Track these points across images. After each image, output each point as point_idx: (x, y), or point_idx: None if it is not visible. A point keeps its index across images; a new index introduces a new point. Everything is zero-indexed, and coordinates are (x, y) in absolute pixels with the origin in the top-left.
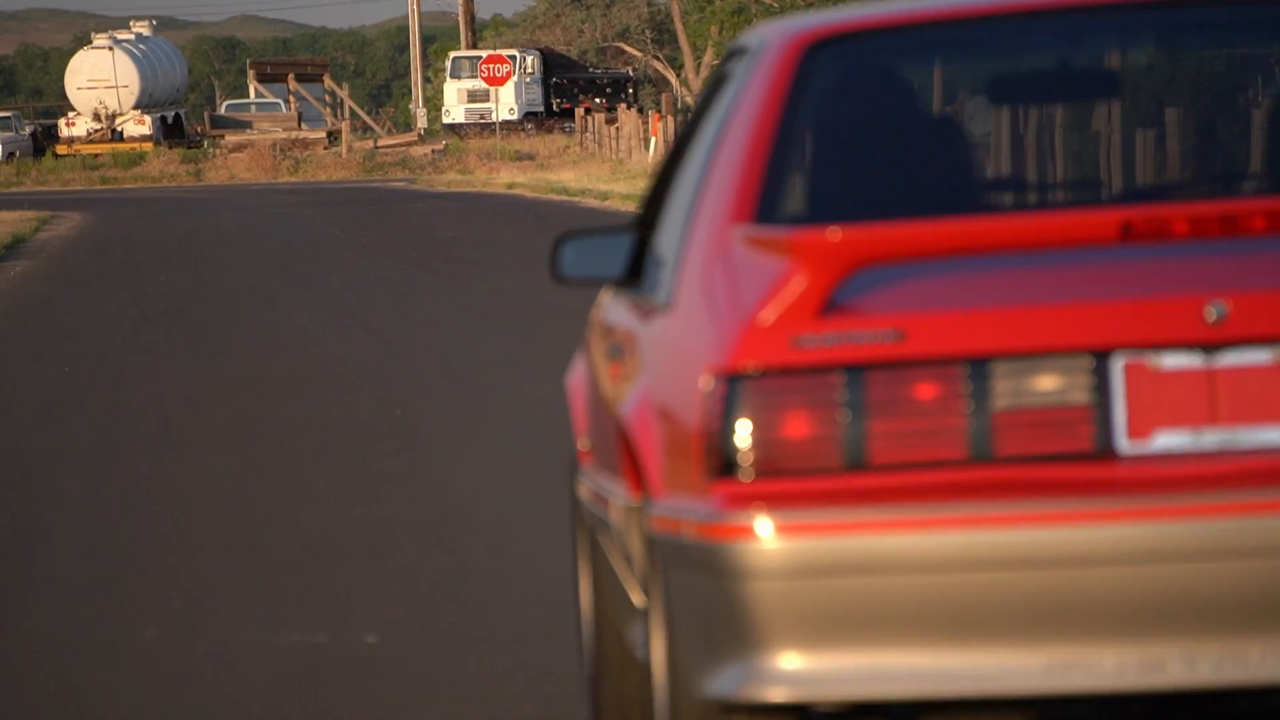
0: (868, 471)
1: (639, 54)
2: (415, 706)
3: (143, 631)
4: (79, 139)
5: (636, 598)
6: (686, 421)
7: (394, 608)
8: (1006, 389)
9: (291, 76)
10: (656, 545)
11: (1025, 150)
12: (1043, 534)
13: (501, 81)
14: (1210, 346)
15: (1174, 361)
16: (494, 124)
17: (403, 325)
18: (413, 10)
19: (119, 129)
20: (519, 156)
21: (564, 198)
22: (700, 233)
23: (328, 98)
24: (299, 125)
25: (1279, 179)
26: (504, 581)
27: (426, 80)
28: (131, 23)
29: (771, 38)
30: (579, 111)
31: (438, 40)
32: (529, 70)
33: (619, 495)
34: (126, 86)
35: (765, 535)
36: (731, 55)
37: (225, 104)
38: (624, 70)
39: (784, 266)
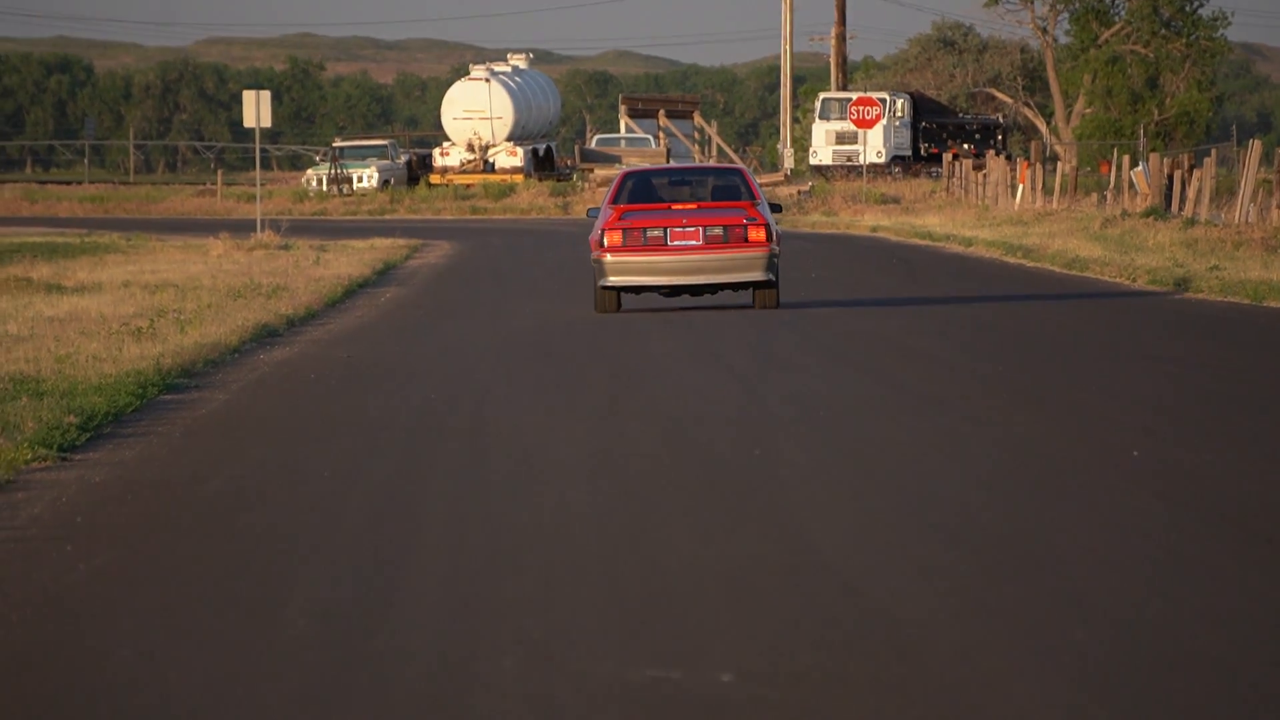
0: (626, 247)
1: (1009, 100)
2: None
3: (501, 660)
4: (452, 169)
5: (595, 269)
6: (597, 239)
7: (748, 647)
8: (650, 234)
9: (662, 113)
10: (593, 261)
11: (671, 192)
12: (655, 257)
13: (870, 124)
14: (686, 226)
15: (679, 232)
16: (860, 166)
17: (762, 365)
18: (784, 50)
19: (491, 160)
20: (884, 200)
21: (928, 242)
22: (604, 206)
23: (696, 135)
24: (667, 160)
25: (706, 201)
26: (857, 625)
27: (795, 120)
28: (509, 55)
29: (620, 171)
30: (946, 157)
31: (808, 81)
32: (898, 114)
33: (592, 255)
34: (501, 118)
35: (609, 257)
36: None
37: (595, 138)
38: (994, 116)
39: (615, 211)
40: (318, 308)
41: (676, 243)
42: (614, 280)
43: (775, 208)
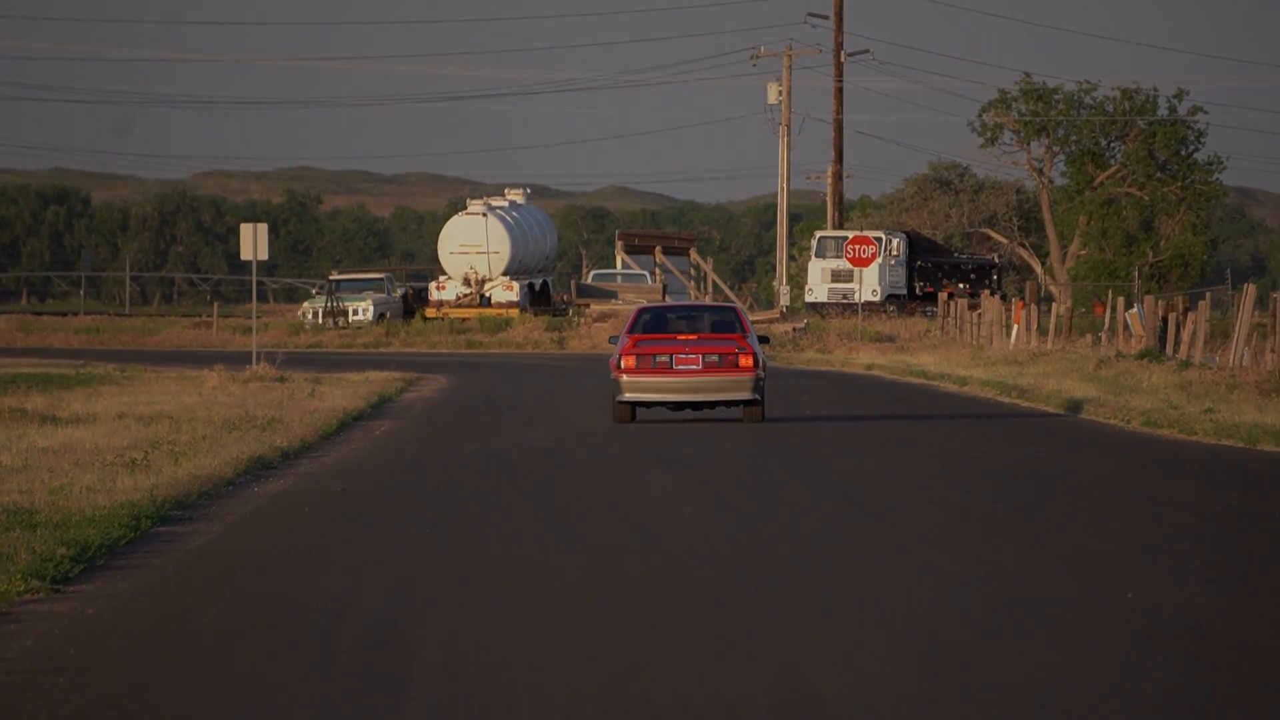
0: (639, 369)
1: (1005, 240)
2: None
3: None
4: (448, 303)
5: (614, 387)
6: (615, 362)
7: None
8: (659, 359)
9: (658, 249)
10: (612, 380)
11: (676, 325)
12: (662, 378)
13: (866, 263)
14: (688, 353)
15: (683, 358)
16: (856, 304)
17: (758, 500)
18: (781, 188)
19: (487, 294)
20: (879, 338)
21: (922, 381)
22: (623, 335)
23: (693, 271)
24: (663, 297)
25: (705, 333)
26: None
27: (791, 258)
28: (506, 190)
29: (634, 307)
30: (941, 296)
31: (804, 219)
32: (894, 253)
33: (612, 375)
34: (497, 253)
35: (626, 377)
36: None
37: (592, 273)
38: (989, 256)
39: (630, 340)
40: (313, 440)
41: (680, 367)
42: (629, 396)
43: (763, 339)
